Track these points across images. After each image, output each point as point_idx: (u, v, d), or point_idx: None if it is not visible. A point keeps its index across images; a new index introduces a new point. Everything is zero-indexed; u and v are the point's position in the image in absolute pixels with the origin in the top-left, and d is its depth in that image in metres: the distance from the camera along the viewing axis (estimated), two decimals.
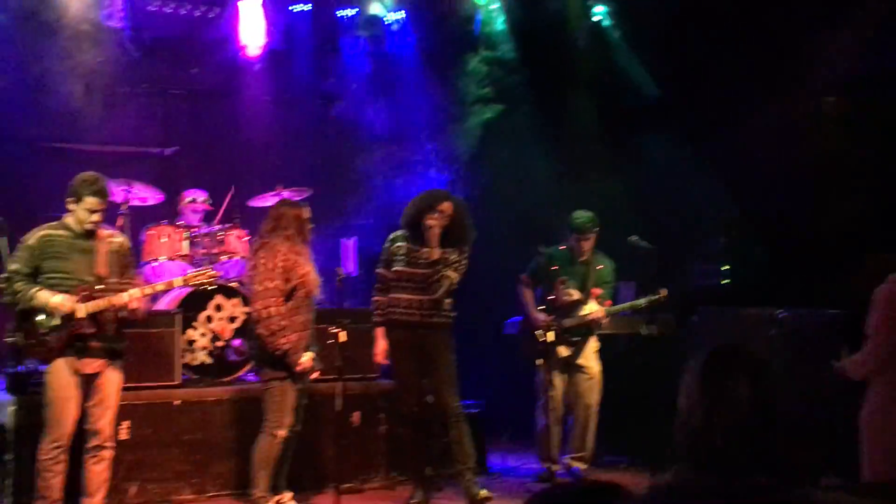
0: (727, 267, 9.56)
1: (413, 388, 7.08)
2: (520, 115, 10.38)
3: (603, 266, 8.02)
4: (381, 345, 7.07)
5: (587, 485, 2.04)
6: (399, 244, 7.07)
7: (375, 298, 7.12)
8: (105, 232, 6.34)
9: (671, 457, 2.01)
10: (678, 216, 9.57)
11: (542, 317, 7.83)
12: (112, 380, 6.28)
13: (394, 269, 7.04)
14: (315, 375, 6.83)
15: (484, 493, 6.92)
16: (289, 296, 6.58)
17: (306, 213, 6.81)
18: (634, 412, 8.07)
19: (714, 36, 9.14)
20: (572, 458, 7.95)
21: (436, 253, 6.90)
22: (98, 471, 6.25)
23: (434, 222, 6.91)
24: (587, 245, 7.93)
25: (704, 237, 9.66)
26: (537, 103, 10.42)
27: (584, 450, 7.93)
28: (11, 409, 6.64)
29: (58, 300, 5.99)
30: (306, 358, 6.56)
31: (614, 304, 7.96)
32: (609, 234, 8.15)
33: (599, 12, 10.69)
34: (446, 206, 7.00)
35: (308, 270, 6.64)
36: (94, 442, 6.20)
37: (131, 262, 6.57)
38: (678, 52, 9.55)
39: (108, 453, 6.28)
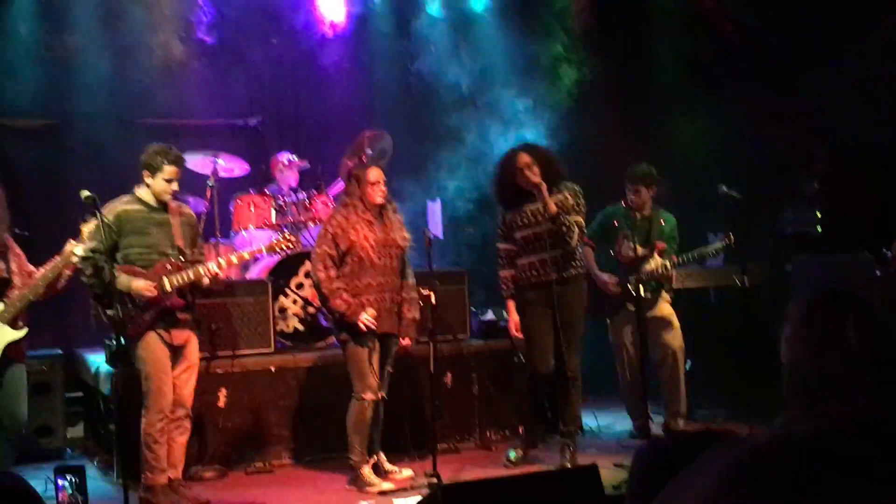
0: (820, 214, 9.33)
1: (547, 349, 6.95)
2: (603, 67, 10.19)
3: (665, 221, 7.84)
4: (514, 318, 7.02)
5: (700, 433, 2.00)
6: (510, 213, 6.97)
7: (502, 274, 7.05)
8: (174, 204, 6.39)
9: (780, 405, 1.96)
10: (769, 163, 9.34)
11: (606, 276, 7.73)
12: (196, 349, 6.40)
13: (517, 235, 6.94)
14: (406, 342, 6.83)
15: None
16: (342, 260, 6.57)
17: (373, 175, 6.65)
18: (730, 364, 7.95)
19: None
20: (669, 417, 7.84)
21: (553, 206, 6.69)
22: (182, 441, 6.33)
23: (535, 177, 6.72)
24: (643, 197, 7.73)
25: (797, 183, 9.43)
26: (618, 56, 10.22)
27: (677, 402, 7.80)
28: (113, 381, 6.79)
29: (140, 284, 6.02)
30: (365, 317, 6.47)
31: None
32: (698, 184, 7.98)
33: None
34: (523, 158, 6.82)
35: (359, 236, 6.51)
36: (179, 412, 6.27)
37: (199, 233, 6.67)
38: None
39: (189, 423, 6.36)
